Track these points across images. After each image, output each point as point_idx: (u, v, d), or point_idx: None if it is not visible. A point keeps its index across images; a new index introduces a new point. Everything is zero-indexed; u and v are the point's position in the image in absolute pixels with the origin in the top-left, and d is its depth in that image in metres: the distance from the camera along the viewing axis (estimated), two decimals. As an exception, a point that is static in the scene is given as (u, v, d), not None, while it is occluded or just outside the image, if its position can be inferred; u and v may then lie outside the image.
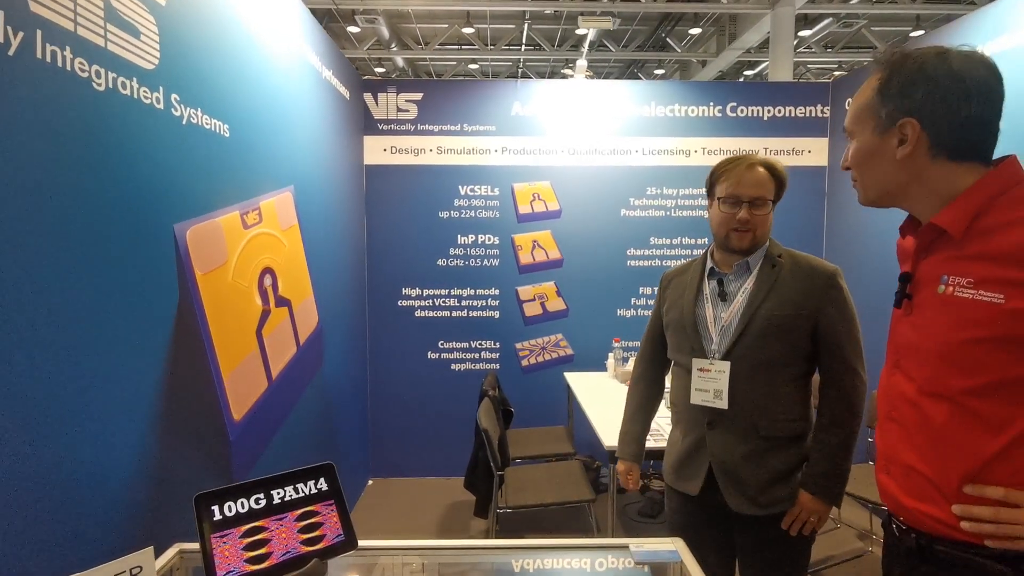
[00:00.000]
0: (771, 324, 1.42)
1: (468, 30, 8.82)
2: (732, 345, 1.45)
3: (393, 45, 9.06)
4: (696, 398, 1.48)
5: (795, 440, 1.47)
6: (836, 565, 2.73)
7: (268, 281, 2.08)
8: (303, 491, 1.09)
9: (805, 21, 8.29)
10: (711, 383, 1.46)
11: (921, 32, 8.49)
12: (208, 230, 1.63)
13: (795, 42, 7.55)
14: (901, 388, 0.99)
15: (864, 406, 1.47)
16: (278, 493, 1.07)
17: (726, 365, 1.44)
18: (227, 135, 1.75)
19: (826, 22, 8.14)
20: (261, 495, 1.06)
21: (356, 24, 8.22)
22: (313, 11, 7.84)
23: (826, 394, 1.47)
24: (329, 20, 8.33)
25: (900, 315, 1.03)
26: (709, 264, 1.55)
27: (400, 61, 10.24)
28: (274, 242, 2.13)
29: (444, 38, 9.27)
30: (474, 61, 10.75)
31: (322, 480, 1.12)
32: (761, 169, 1.44)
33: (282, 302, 2.20)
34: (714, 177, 1.49)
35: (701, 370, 1.47)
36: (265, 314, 2.04)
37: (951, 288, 0.90)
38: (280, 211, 2.18)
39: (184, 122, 1.54)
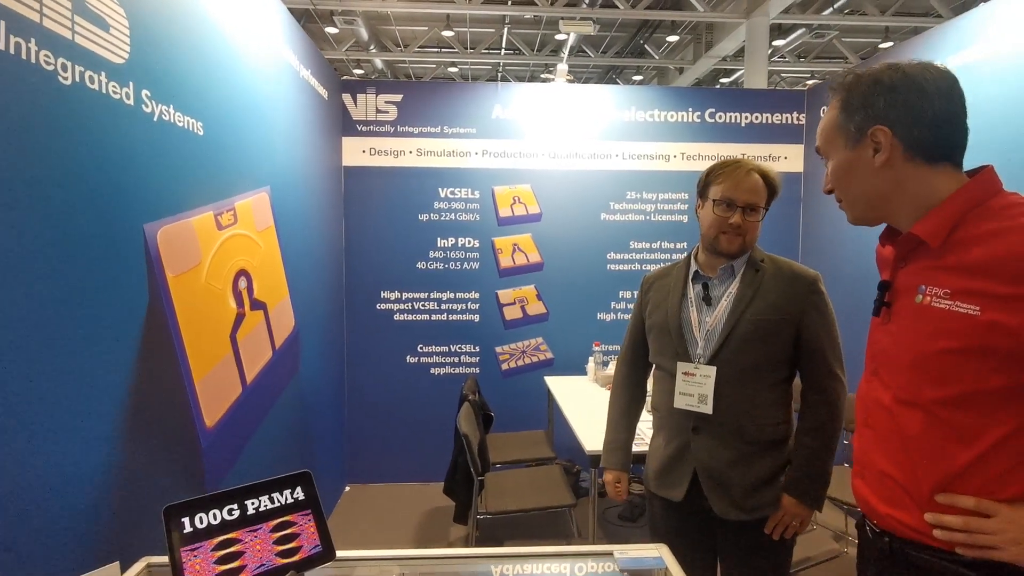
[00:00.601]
0: (756, 329, 1.43)
1: (448, 33, 8.79)
2: (717, 349, 1.45)
3: (372, 47, 8.99)
4: (680, 402, 1.48)
5: (778, 444, 1.49)
6: (813, 566, 2.76)
7: (243, 283, 2.02)
8: (279, 501, 1.06)
9: (779, 31, 8.48)
10: (695, 387, 1.46)
11: (890, 44, 8.73)
12: (180, 231, 1.58)
13: (769, 51, 7.71)
14: (877, 395, 1.00)
15: (844, 410, 1.49)
16: (252, 503, 1.03)
17: (711, 370, 1.44)
18: (201, 133, 1.70)
19: (799, 32, 8.34)
20: (235, 506, 1.02)
21: (335, 25, 8.13)
22: (291, 11, 7.81)
23: (808, 398, 1.48)
24: (307, 20, 8.23)
25: (878, 323, 1.04)
26: (693, 267, 1.55)
27: (379, 63, 10.17)
28: (249, 244, 2.08)
29: (424, 41, 9.23)
30: (453, 64, 10.71)
31: (299, 489, 1.08)
32: (757, 176, 1.44)
33: (257, 305, 2.15)
34: (710, 178, 1.49)
35: (686, 374, 1.47)
36: (240, 317, 1.98)
37: (928, 298, 0.91)
38: (256, 212, 2.13)
39: (155, 119, 1.49)
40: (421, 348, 3.64)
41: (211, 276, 1.77)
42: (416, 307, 3.62)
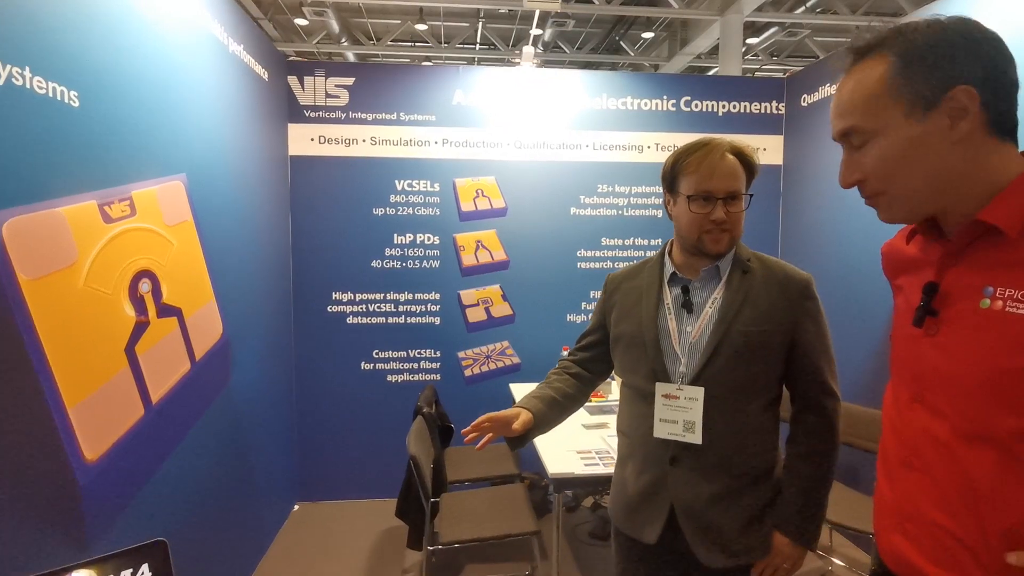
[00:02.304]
0: (748, 342, 1.19)
1: (421, 27, 8.50)
2: (703, 366, 1.21)
3: (343, 40, 8.65)
4: (661, 431, 1.23)
5: (767, 474, 1.26)
6: (796, 588, 2.55)
7: (146, 287, 1.73)
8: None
9: (753, 29, 8.40)
10: (680, 413, 1.21)
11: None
12: (40, 223, 1.28)
13: (743, 49, 7.62)
14: (926, 427, 0.79)
15: (841, 432, 1.26)
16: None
17: (699, 391, 1.19)
18: (76, 104, 1.40)
19: (772, 31, 8.32)
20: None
21: (304, 16, 7.78)
22: (258, 2, 7.44)
23: (803, 420, 1.26)
24: (275, 12, 7.86)
25: (919, 335, 0.81)
26: (669, 268, 1.30)
27: (351, 56, 9.82)
28: (155, 240, 1.78)
29: (397, 34, 8.92)
30: (428, 59, 10.41)
31: (144, 567, 0.81)
32: (731, 157, 1.21)
33: (167, 311, 1.85)
34: (676, 169, 1.23)
35: (667, 396, 1.22)
36: (140, 327, 1.68)
37: (1000, 302, 0.70)
38: (164, 203, 1.83)
39: (1, 82, 1.19)
40: (377, 354, 3.36)
41: (95, 279, 1.47)
42: (371, 309, 3.33)
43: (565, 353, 2.76)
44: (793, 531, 1.21)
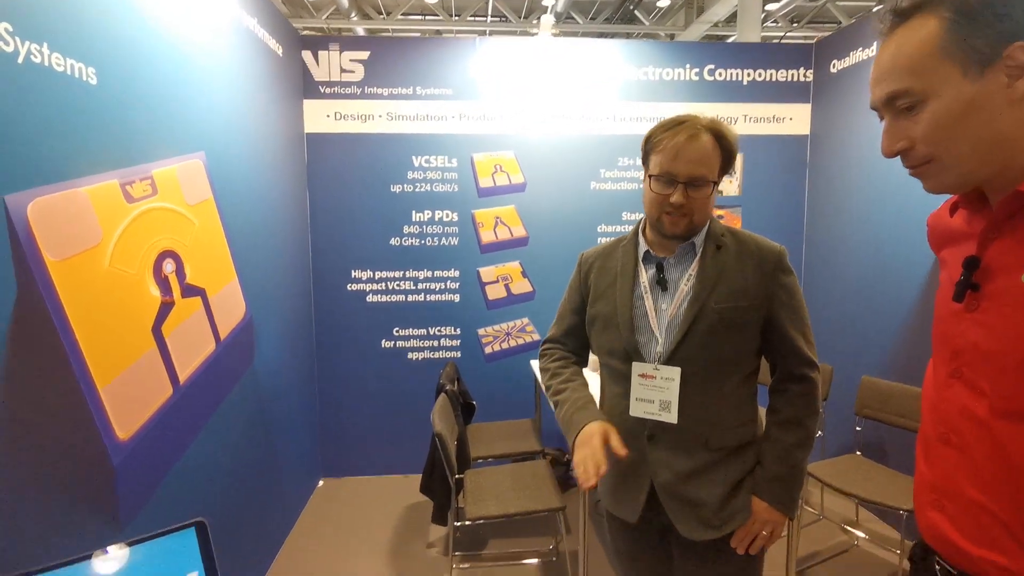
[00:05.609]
0: (722, 318, 1.18)
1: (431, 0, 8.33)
2: (677, 345, 1.19)
3: (353, 14, 8.51)
4: (637, 410, 1.23)
5: (746, 445, 1.26)
6: (822, 562, 2.55)
7: (170, 267, 1.72)
8: (150, 562, 0.78)
9: (772, -7, 8.08)
10: (656, 392, 1.21)
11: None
12: (63, 203, 1.27)
13: (762, 15, 7.35)
14: (964, 404, 0.77)
15: (820, 400, 1.27)
16: (106, 571, 0.75)
17: (675, 371, 1.19)
18: (93, 82, 1.38)
19: (793, -5, 7.97)
20: (88, 576, 0.74)
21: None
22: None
23: (783, 390, 1.26)
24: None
25: (959, 311, 0.79)
26: (643, 246, 1.28)
27: (361, 31, 9.68)
28: (177, 219, 1.77)
29: (407, 8, 8.76)
30: (438, 32, 10.23)
31: (185, 545, 0.81)
32: (706, 138, 1.15)
33: (191, 291, 1.85)
34: (649, 145, 1.20)
35: (643, 376, 1.21)
36: (166, 307, 1.68)
37: None
38: (185, 182, 1.81)
39: (20, 60, 1.17)
40: (397, 332, 3.36)
41: (119, 259, 1.46)
42: (390, 287, 3.32)
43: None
44: (770, 496, 1.21)
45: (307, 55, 3.15)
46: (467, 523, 2.14)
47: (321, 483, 3.36)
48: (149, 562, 0.77)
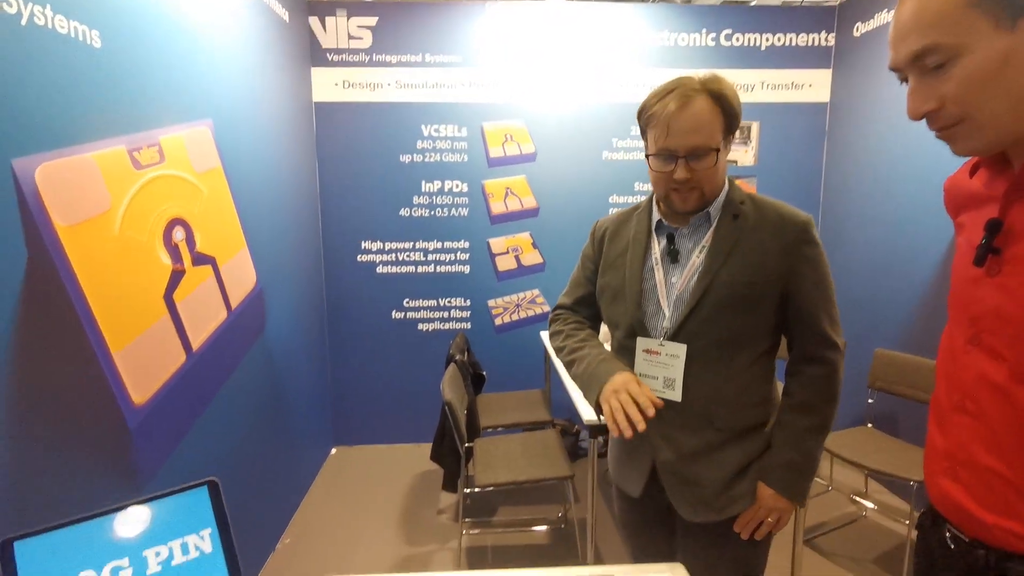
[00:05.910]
0: (733, 294, 1.10)
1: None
2: (683, 320, 1.13)
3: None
4: None
5: (757, 428, 1.18)
6: (829, 532, 2.56)
7: (180, 235, 1.72)
8: (165, 519, 0.79)
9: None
10: (660, 369, 1.15)
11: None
12: (71, 168, 1.27)
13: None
14: (982, 370, 0.75)
15: (842, 384, 1.17)
16: (123, 526, 0.77)
17: (681, 348, 1.13)
18: (98, 45, 1.36)
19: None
20: (104, 533, 0.76)
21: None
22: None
23: (801, 371, 1.17)
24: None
25: (980, 275, 0.76)
26: (656, 216, 1.21)
27: (366, -4, 9.50)
28: (185, 187, 1.76)
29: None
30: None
31: (198, 503, 0.82)
32: (700, 101, 1.05)
33: (202, 260, 1.85)
34: (643, 120, 1.12)
35: (648, 352, 1.16)
36: (177, 275, 1.69)
37: None
38: (192, 149, 1.80)
39: (24, 22, 1.15)
40: (407, 303, 3.37)
41: (128, 226, 1.46)
42: (400, 258, 3.32)
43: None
44: (777, 483, 1.14)
45: (314, 21, 3.09)
46: (477, 490, 2.16)
47: (334, 451, 3.42)
48: (163, 519, 0.79)
